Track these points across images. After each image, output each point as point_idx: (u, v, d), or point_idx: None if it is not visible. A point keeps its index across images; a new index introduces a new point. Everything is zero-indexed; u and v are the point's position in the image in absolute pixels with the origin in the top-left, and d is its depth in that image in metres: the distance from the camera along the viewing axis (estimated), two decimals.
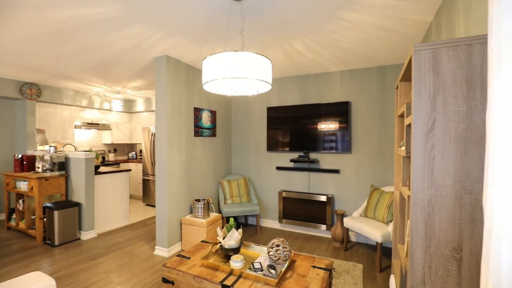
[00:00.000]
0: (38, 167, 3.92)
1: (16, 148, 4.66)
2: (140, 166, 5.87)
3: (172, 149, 3.20)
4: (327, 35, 2.53)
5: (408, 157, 1.60)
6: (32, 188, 3.53)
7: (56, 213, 3.38)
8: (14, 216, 3.96)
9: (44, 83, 4.58)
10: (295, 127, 3.96)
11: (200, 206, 3.30)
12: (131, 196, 6.03)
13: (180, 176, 3.33)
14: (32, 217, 3.75)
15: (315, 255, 3.04)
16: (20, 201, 3.81)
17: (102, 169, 4.25)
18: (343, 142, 3.65)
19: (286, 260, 1.82)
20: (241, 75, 1.55)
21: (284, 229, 4.10)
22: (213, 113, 3.98)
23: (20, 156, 3.95)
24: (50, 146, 3.70)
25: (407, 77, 1.69)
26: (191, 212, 3.54)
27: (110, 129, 5.99)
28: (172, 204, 3.20)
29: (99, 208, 3.91)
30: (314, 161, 3.74)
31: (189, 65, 3.46)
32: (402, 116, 1.90)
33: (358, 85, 3.61)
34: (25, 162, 3.92)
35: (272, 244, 1.85)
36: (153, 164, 5.36)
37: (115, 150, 6.40)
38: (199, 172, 3.71)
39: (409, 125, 1.45)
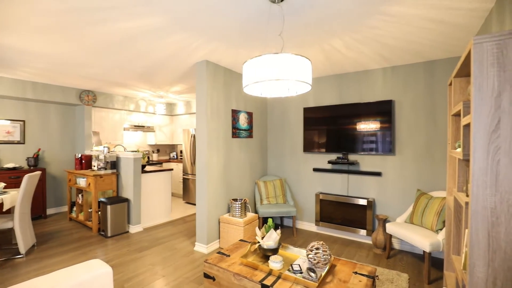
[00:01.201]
0: (94, 166, 4.35)
1: (76, 148, 5.24)
2: (180, 165, 6.19)
3: (211, 150, 3.33)
4: (368, 32, 2.42)
5: (466, 160, 1.46)
6: (89, 184, 3.94)
7: (109, 207, 3.73)
8: (74, 208, 4.45)
9: (99, 90, 5.08)
10: (333, 128, 3.85)
11: (237, 205, 3.38)
12: (172, 194, 6.39)
13: (218, 176, 3.45)
14: (89, 210, 4.18)
15: (355, 261, 2.92)
16: (80, 195, 4.28)
17: (147, 168, 4.57)
18: (385, 143, 3.45)
19: (326, 264, 1.78)
20: (282, 77, 1.56)
21: (320, 232, 4.00)
22: (249, 115, 4.05)
23: (79, 155, 4.43)
24: (104, 146, 4.09)
25: (463, 72, 1.54)
26: (228, 211, 3.64)
27: (154, 131, 6.42)
28: (211, 202, 3.33)
29: (145, 204, 4.21)
30: (354, 163, 3.59)
31: (226, 69, 3.57)
32: (457, 115, 1.74)
33: (402, 83, 3.39)
34: (83, 161, 4.38)
35: (312, 247, 1.83)
36: (192, 163, 5.61)
37: (158, 151, 6.85)
38: (236, 173, 3.80)
39: (467, 125, 1.32)
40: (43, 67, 3.56)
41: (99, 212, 3.94)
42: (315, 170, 4.01)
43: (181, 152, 6.71)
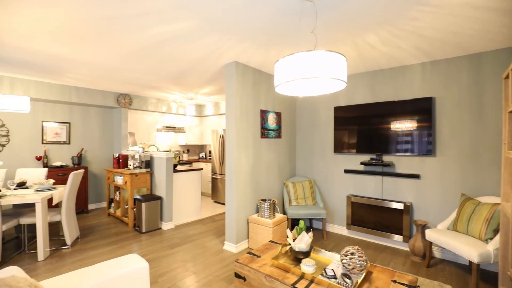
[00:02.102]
0: (130, 165, 4.60)
1: (114, 148, 5.58)
2: (209, 165, 6.33)
3: (240, 150, 3.35)
4: (406, 24, 2.27)
5: None
6: (126, 182, 4.17)
7: (143, 204, 3.91)
8: (112, 205, 4.74)
9: (134, 93, 5.36)
10: (365, 128, 3.68)
11: (266, 206, 3.36)
12: (201, 193, 6.55)
13: (247, 176, 3.46)
14: (125, 206, 4.43)
15: (391, 268, 2.75)
16: (117, 192, 4.55)
17: (178, 167, 4.73)
18: (423, 144, 3.22)
19: (362, 271, 1.70)
20: (316, 75, 1.51)
21: (352, 236, 3.84)
22: (278, 115, 4.01)
23: (117, 155, 4.71)
24: (138, 146, 4.30)
25: None
26: (257, 212, 3.63)
27: (184, 132, 6.64)
28: (240, 202, 3.35)
29: (176, 203, 4.36)
30: (389, 165, 3.40)
31: (255, 69, 3.57)
32: None
33: (443, 78, 3.14)
34: (121, 160, 4.65)
35: (346, 252, 1.75)
36: (221, 163, 5.71)
37: (188, 151, 7.07)
38: (265, 173, 3.78)
39: None
40: (84, 73, 3.84)
41: (135, 209, 4.15)
42: (347, 171, 3.86)
43: (210, 152, 6.86)
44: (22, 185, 3.42)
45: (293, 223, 4.11)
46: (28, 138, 4.56)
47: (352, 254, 1.73)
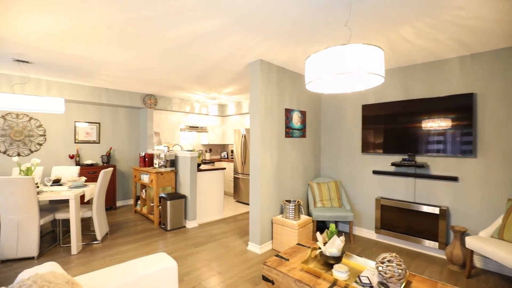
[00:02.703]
0: (155, 163, 4.70)
1: (140, 147, 5.75)
2: (231, 165, 6.35)
3: (265, 150, 3.29)
4: (447, 14, 2.09)
5: None
6: (151, 180, 4.27)
7: (168, 203, 3.98)
8: (139, 202, 4.88)
9: (159, 94, 5.49)
10: (396, 127, 3.48)
11: (291, 207, 3.28)
12: (224, 193, 6.58)
13: (271, 176, 3.40)
14: (151, 204, 4.54)
15: (426, 277, 2.56)
16: (143, 190, 4.67)
17: (202, 167, 4.77)
18: (461, 144, 2.99)
19: (400, 280, 1.58)
20: (351, 70, 1.42)
21: (381, 241, 3.66)
22: (303, 114, 3.91)
23: (143, 154, 4.84)
24: (164, 146, 4.39)
25: None
26: (281, 213, 3.56)
27: (207, 131, 6.71)
28: (264, 203, 3.29)
29: (200, 201, 4.39)
30: (422, 166, 3.19)
31: (279, 67, 3.50)
32: None
33: (486, 72, 2.89)
34: (147, 159, 4.78)
35: (383, 259, 1.63)
36: (243, 163, 5.70)
37: (210, 150, 7.14)
38: (289, 173, 3.70)
39: None
40: (113, 75, 3.97)
41: (160, 207, 4.24)
42: (375, 172, 3.68)
43: (231, 152, 6.88)
44: (57, 182, 3.60)
45: (318, 225, 3.99)
46: (62, 138, 4.81)
47: (389, 261, 1.61)
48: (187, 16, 2.14)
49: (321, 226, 4.06)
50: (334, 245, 1.83)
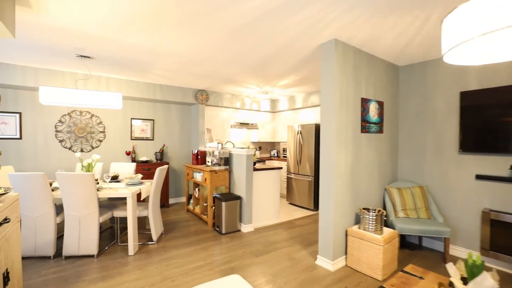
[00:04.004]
0: (208, 161, 4.46)
1: (191, 145, 5.63)
2: (283, 164, 5.89)
3: (340, 148, 2.76)
4: None
5: None
6: (205, 179, 4.02)
7: (224, 204, 3.67)
8: (191, 201, 4.70)
9: (211, 89, 5.28)
10: None
11: (371, 217, 2.69)
12: None
13: (346, 180, 2.84)
14: (204, 204, 4.30)
15: None
16: (196, 189, 4.47)
17: (256, 166, 4.39)
18: None
19: None
20: None
21: (490, 265, 2.84)
22: (380, 105, 3.27)
23: (196, 151, 4.64)
24: (218, 143, 4.10)
25: None
26: (356, 223, 2.99)
27: (257, 128, 6.35)
28: (337, 210, 2.76)
29: (254, 203, 4.02)
30: None
31: (356, 49, 2.92)
32: None
33: None
34: (199, 156, 4.57)
35: None
36: (298, 162, 5.19)
37: (259, 148, 6.77)
38: (364, 176, 3.10)
39: None
40: (167, 68, 3.79)
41: (214, 207, 3.97)
42: (481, 177, 2.88)
43: (283, 150, 6.41)
44: (115, 178, 3.53)
45: (402, 241, 3.30)
46: (120, 134, 4.86)
47: None
48: None
49: (404, 241, 3.37)
50: (483, 286, 1.23)
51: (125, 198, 3.54)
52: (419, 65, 3.43)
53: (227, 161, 4.11)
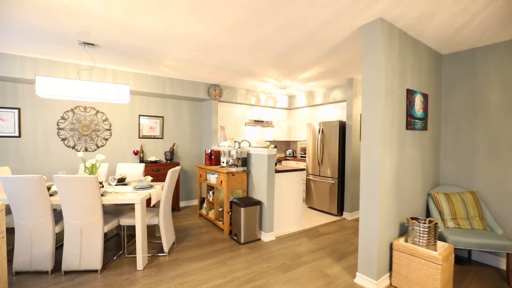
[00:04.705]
0: (223, 162, 4.07)
1: (203, 143, 5.24)
2: (300, 164, 5.47)
3: (384, 147, 2.33)
4: None
5: None
6: (221, 182, 3.62)
7: (242, 210, 3.27)
8: (204, 205, 4.31)
9: (224, 83, 4.89)
10: None
11: (423, 229, 2.26)
12: None
13: (390, 184, 2.42)
14: (220, 209, 3.91)
15: None
16: (210, 192, 4.08)
17: (277, 167, 3.99)
18: None
19: None
20: None
21: None
22: (425, 98, 2.83)
23: (209, 150, 4.26)
24: (235, 141, 3.71)
25: None
26: (400, 234, 2.56)
27: (273, 126, 5.93)
28: (382, 220, 2.34)
29: (275, 209, 3.61)
30: None
31: (401, 31, 2.49)
32: None
33: None
34: (213, 156, 4.18)
35: None
36: (319, 163, 4.77)
37: (274, 147, 6.35)
38: (408, 180, 2.67)
39: None
40: (178, 58, 3.41)
41: (230, 213, 3.57)
42: None
43: (301, 149, 5.99)
44: (122, 181, 3.17)
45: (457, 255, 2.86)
46: (127, 132, 4.50)
47: None
48: None
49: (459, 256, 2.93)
50: None
51: (133, 204, 3.17)
52: (468, 53, 2.98)
53: (244, 161, 3.71)
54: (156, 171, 4.37)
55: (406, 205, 2.66)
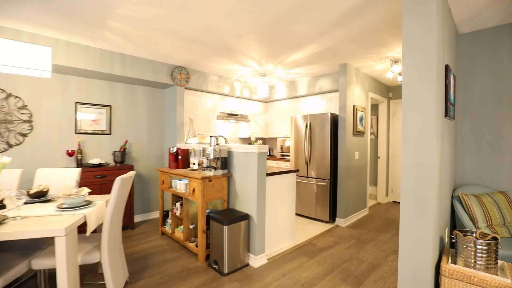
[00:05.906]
0: (194, 163, 3.15)
1: (165, 141, 4.20)
2: (281, 164, 4.76)
3: (437, 138, 1.70)
4: None
5: None
6: (193, 190, 2.70)
7: (226, 228, 2.41)
8: (169, 220, 3.32)
9: (193, 66, 3.94)
10: None
11: (480, 246, 1.69)
12: None
13: (436, 187, 1.80)
14: (191, 226, 2.97)
15: None
16: (178, 204, 3.10)
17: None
18: None
19: None
20: None
21: None
22: (455, 79, 2.31)
23: (175, 149, 3.29)
24: (212, 137, 2.82)
25: None
26: (441, 252, 1.97)
27: (248, 121, 5.12)
28: (430, 236, 1.70)
29: (266, 222, 2.81)
30: None
31: None
32: None
33: None
34: (180, 157, 3.22)
35: None
36: (307, 163, 4.10)
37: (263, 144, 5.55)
38: (444, 181, 2.10)
39: None
40: (132, 17, 2.42)
41: (207, 232, 2.68)
42: None
43: (281, 148, 5.29)
44: (41, 196, 2.06)
45: None
46: (58, 126, 3.28)
47: None
48: None
49: None
50: None
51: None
52: (491, 31, 2.56)
53: (225, 162, 2.84)
54: (100, 177, 3.24)
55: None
